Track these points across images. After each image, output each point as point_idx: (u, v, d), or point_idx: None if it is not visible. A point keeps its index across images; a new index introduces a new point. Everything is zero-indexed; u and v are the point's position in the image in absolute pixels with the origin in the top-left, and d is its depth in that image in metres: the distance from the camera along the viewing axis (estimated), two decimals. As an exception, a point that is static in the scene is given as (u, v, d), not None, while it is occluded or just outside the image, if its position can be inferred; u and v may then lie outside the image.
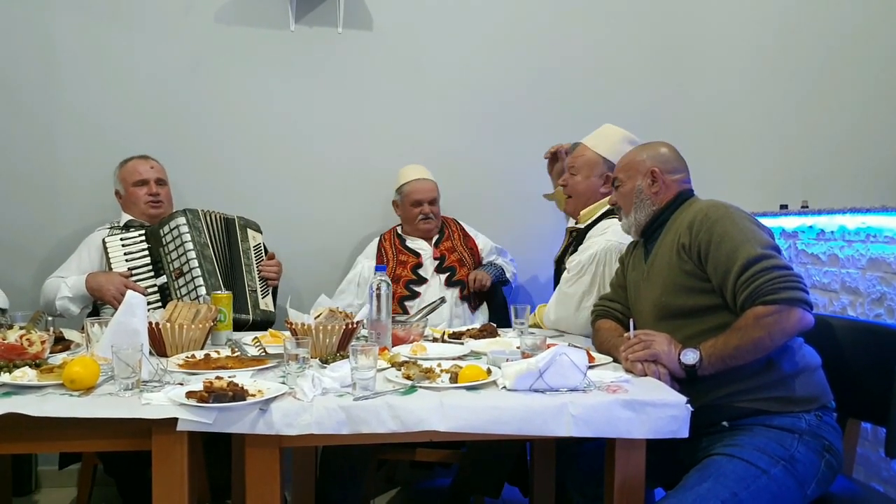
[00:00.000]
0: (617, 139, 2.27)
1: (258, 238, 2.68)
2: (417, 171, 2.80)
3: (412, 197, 2.74)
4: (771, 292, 1.53)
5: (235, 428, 1.35)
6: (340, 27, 2.92)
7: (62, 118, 2.79)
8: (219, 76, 2.87)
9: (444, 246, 2.78)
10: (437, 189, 2.79)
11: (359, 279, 2.75)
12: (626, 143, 2.21)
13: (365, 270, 2.75)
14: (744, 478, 1.46)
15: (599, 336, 1.90)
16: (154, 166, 2.61)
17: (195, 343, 1.81)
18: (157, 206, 2.57)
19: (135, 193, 2.56)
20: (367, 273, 2.74)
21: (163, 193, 2.59)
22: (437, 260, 2.74)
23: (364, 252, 2.84)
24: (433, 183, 2.78)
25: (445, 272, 2.72)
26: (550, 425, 1.39)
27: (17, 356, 1.57)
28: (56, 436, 1.38)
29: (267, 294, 2.58)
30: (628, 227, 1.89)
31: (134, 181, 2.56)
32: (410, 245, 2.78)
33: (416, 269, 2.72)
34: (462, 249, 2.78)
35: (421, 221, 2.74)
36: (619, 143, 2.23)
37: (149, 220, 2.56)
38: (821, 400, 1.60)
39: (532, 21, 3.01)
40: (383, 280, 1.84)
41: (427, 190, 2.75)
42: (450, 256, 2.75)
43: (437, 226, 2.80)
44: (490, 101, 3.00)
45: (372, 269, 2.71)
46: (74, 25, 2.78)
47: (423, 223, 2.74)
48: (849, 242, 2.35)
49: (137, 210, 2.57)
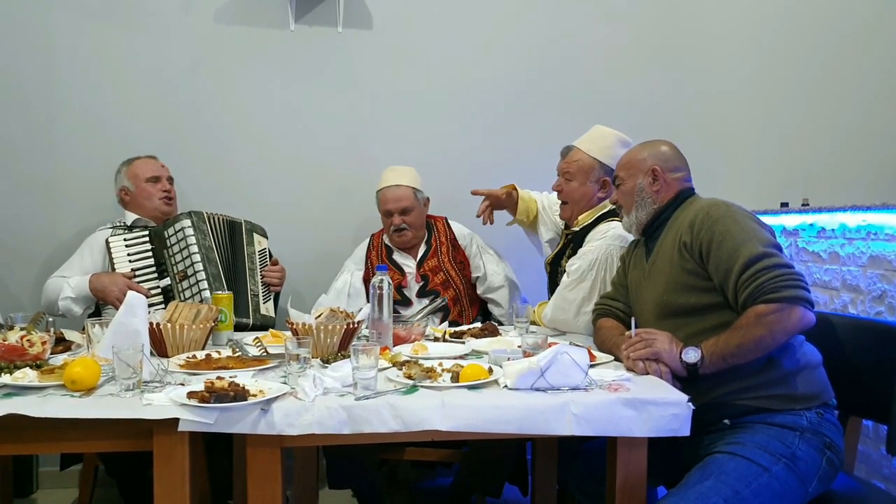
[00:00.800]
0: (610, 141, 2.26)
1: (263, 243, 2.67)
2: (393, 175, 2.59)
3: (382, 207, 2.57)
4: (772, 290, 1.53)
5: (237, 428, 1.35)
6: (340, 26, 2.91)
7: (63, 118, 2.79)
8: (218, 75, 2.87)
9: (428, 265, 2.58)
10: (412, 196, 2.54)
11: (349, 289, 2.58)
12: (619, 145, 2.21)
13: (356, 280, 2.61)
14: (745, 476, 1.46)
15: (601, 335, 1.90)
16: (164, 165, 2.63)
17: (196, 343, 1.81)
18: (170, 202, 2.58)
19: (148, 189, 2.55)
20: (357, 284, 2.60)
21: (173, 191, 2.61)
22: (418, 284, 2.56)
23: (352, 256, 2.71)
24: (407, 189, 2.54)
25: (428, 296, 2.56)
26: (552, 424, 1.39)
27: (18, 357, 1.57)
28: (57, 436, 1.38)
29: (269, 299, 2.58)
30: (629, 226, 1.88)
31: (147, 177, 2.56)
32: (396, 258, 2.60)
33: (399, 289, 2.53)
34: (449, 266, 2.57)
35: (394, 234, 2.55)
36: (613, 146, 2.23)
37: (159, 218, 2.56)
38: (822, 397, 1.60)
39: (532, 19, 3.01)
40: (385, 279, 1.84)
41: (396, 199, 2.51)
42: (433, 278, 2.56)
43: (416, 236, 2.59)
44: (490, 99, 3.00)
45: (360, 279, 2.62)
46: (74, 25, 2.78)
47: (395, 235, 2.55)
48: (849, 240, 2.35)
49: (150, 206, 2.55)
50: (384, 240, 2.67)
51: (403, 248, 2.63)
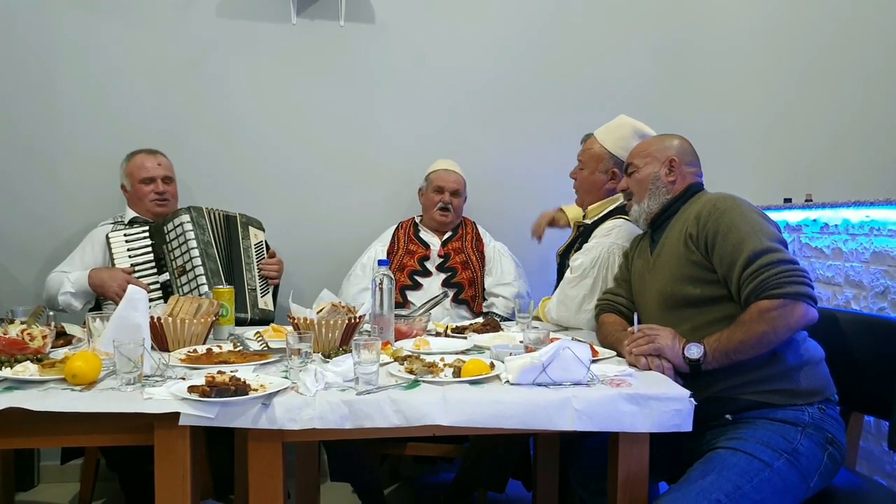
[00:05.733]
0: (626, 132, 2.23)
1: (260, 236, 2.66)
2: (448, 164, 2.82)
3: (436, 183, 2.75)
4: (776, 286, 1.52)
5: (238, 422, 1.34)
6: (342, 20, 2.90)
7: (63, 113, 2.78)
8: (220, 70, 2.86)
9: (452, 246, 2.74)
10: (463, 184, 2.78)
11: (373, 263, 2.72)
12: (634, 137, 2.18)
13: (381, 254, 2.75)
14: (747, 471, 1.46)
15: (603, 330, 1.89)
16: (161, 163, 2.58)
17: (197, 338, 1.81)
18: (163, 204, 2.55)
19: (141, 190, 2.54)
20: (382, 256, 2.72)
21: (169, 191, 2.57)
22: (440, 258, 2.72)
23: (380, 237, 2.83)
24: (460, 177, 2.78)
25: (447, 272, 2.70)
26: (554, 419, 1.39)
27: (19, 351, 1.57)
28: (58, 430, 1.38)
29: (267, 293, 2.57)
30: (638, 216, 1.87)
31: (141, 178, 2.53)
32: (423, 236, 2.77)
33: (422, 260, 2.70)
34: (470, 251, 2.74)
35: (438, 211, 2.72)
36: (627, 137, 2.20)
37: (154, 218, 2.55)
38: (824, 393, 1.60)
39: (537, 13, 2.99)
40: (386, 274, 1.84)
41: (452, 180, 2.75)
42: (454, 257, 2.71)
43: (454, 220, 2.77)
44: (493, 93, 2.99)
45: (384, 252, 2.74)
46: (75, 19, 2.77)
47: (439, 213, 2.72)
48: (852, 236, 2.34)
49: (143, 207, 2.56)
50: (416, 219, 2.84)
51: (433, 229, 2.79)
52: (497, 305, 2.69)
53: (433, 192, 2.75)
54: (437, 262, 2.71)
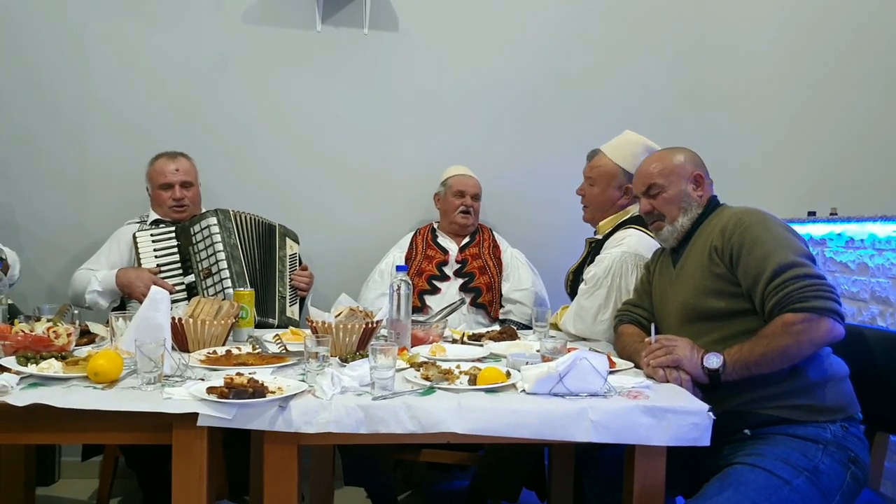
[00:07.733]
0: (637, 149, 2.22)
1: (295, 248, 2.69)
2: (465, 169, 2.84)
3: (456, 187, 2.77)
4: (801, 300, 1.50)
5: (254, 424, 1.35)
6: (366, 28, 2.93)
7: (93, 115, 2.83)
8: (246, 74, 2.89)
9: (470, 251, 2.75)
10: (480, 188, 2.81)
11: (391, 269, 2.74)
12: (645, 153, 2.17)
13: (398, 260, 2.76)
14: (765, 488, 1.43)
15: (621, 341, 1.88)
16: (181, 167, 2.57)
17: (217, 339, 1.83)
18: (181, 210, 2.56)
19: (160, 196, 2.57)
20: (400, 262, 2.74)
21: (189, 196, 2.57)
22: (458, 263, 2.73)
23: (398, 244, 2.85)
24: (478, 182, 2.82)
25: (464, 277, 2.70)
26: (569, 430, 1.37)
27: (44, 348, 1.60)
28: (79, 427, 1.40)
29: (294, 303, 2.60)
30: (670, 235, 1.82)
31: (159, 184, 2.56)
32: (441, 242, 2.79)
33: (441, 265, 2.71)
34: (488, 257, 2.75)
35: (459, 214, 2.74)
36: (638, 154, 2.19)
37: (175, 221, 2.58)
38: (847, 410, 1.57)
39: (557, 25, 2.99)
40: (403, 280, 1.84)
41: (472, 184, 2.79)
42: (472, 262, 2.72)
43: (473, 224, 2.80)
44: (511, 102, 2.99)
45: (402, 258, 2.75)
46: (105, 23, 2.82)
47: (461, 216, 2.74)
48: (879, 251, 2.30)
49: (162, 212, 2.60)
50: (433, 225, 2.86)
51: (451, 234, 2.80)
52: (514, 312, 2.69)
53: (453, 196, 2.77)
54: (455, 267, 2.72)
